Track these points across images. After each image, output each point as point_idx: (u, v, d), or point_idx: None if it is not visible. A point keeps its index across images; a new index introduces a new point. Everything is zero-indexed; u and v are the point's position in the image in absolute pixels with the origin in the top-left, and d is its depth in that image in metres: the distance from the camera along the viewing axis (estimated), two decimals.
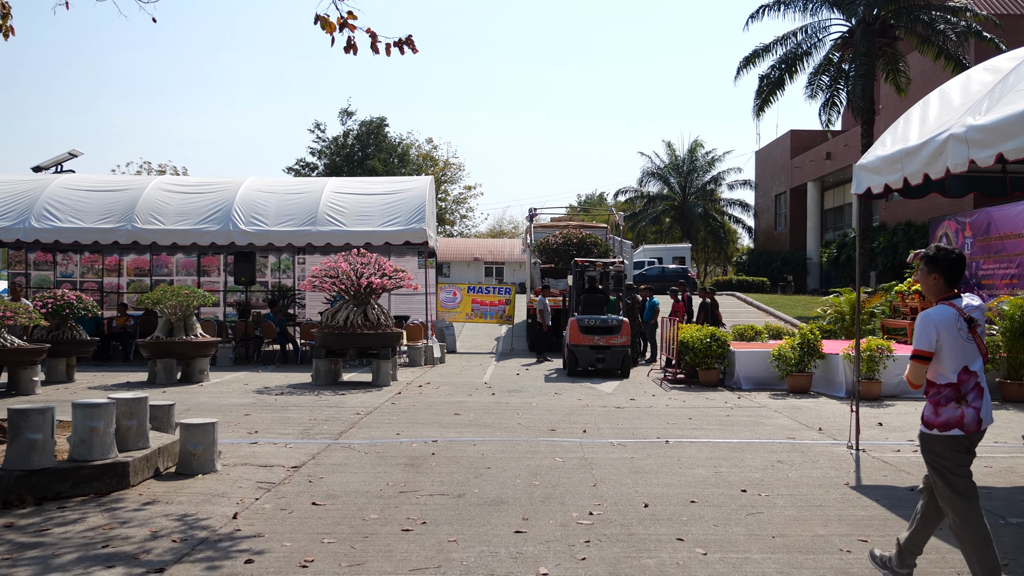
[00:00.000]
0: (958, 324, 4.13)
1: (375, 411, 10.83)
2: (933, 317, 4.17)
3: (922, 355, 4.18)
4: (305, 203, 18.76)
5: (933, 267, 4.29)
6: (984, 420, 4.17)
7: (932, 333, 4.15)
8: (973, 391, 4.15)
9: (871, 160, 8.12)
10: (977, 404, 4.14)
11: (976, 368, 4.17)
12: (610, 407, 11.30)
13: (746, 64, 30.68)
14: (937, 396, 4.18)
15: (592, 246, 22.43)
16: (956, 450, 4.13)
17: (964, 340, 4.13)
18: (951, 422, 4.12)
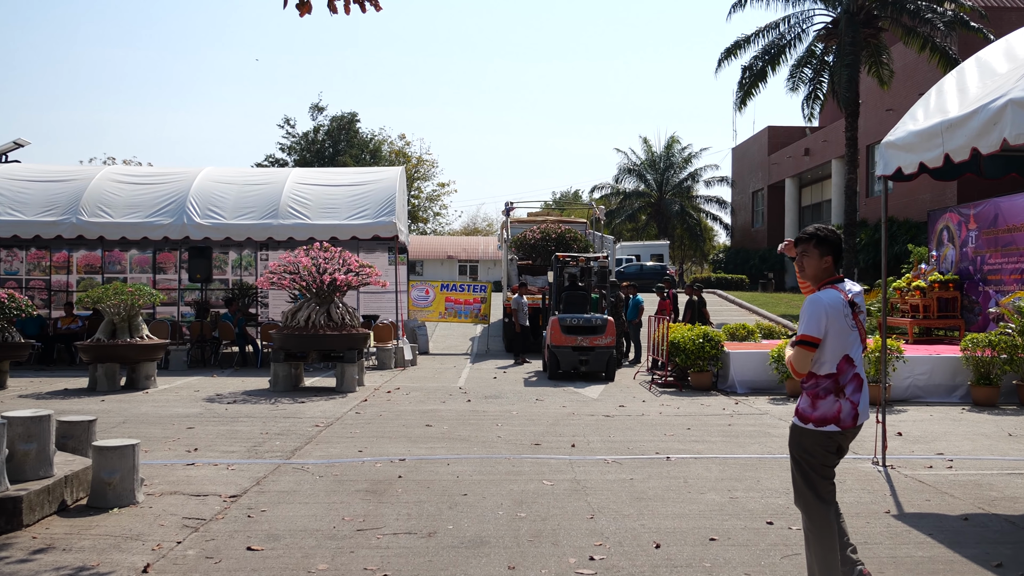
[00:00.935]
0: (844, 309, 3.89)
1: (336, 422, 9.66)
2: (823, 301, 3.89)
3: (810, 340, 3.87)
4: (266, 195, 17.50)
5: (826, 248, 4.00)
6: (861, 415, 3.92)
7: (822, 318, 3.86)
8: (852, 383, 3.89)
9: (901, 136, 7.12)
10: (855, 397, 3.90)
11: (856, 358, 3.92)
12: (598, 415, 10.23)
13: (728, 55, 29.79)
14: (815, 388, 3.91)
15: (572, 241, 21.38)
16: (827, 448, 3.91)
17: (849, 327, 3.89)
18: (827, 416, 3.87)
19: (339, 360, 12.79)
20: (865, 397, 3.96)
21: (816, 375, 3.91)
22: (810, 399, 3.93)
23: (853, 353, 3.90)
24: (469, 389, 13.02)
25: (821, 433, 3.89)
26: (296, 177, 18.20)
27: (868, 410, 3.99)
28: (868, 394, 4.01)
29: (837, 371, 3.88)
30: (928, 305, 14.27)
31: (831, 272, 4.01)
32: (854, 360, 3.90)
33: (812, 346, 3.87)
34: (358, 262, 13.17)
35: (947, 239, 14.96)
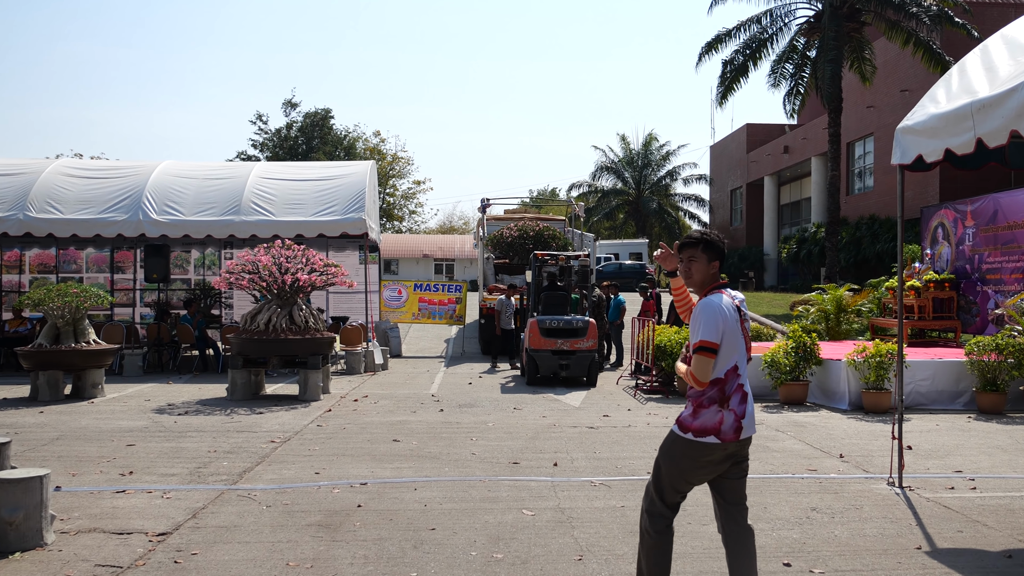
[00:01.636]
0: (735, 314, 3.70)
1: (295, 437, 8.79)
2: (719, 304, 3.67)
3: (710, 346, 3.62)
4: (228, 190, 16.53)
5: (713, 253, 3.80)
6: (745, 429, 3.67)
7: (719, 322, 3.64)
8: (737, 393, 3.68)
9: (922, 121, 6.38)
10: (740, 409, 3.67)
11: (742, 366, 3.73)
12: (581, 427, 9.44)
13: (709, 49, 29.14)
14: (700, 396, 3.68)
15: (550, 239, 20.63)
16: (699, 462, 3.67)
17: (739, 334, 3.71)
18: (708, 427, 3.63)
19: (302, 366, 11.90)
20: (750, 409, 3.72)
21: (705, 382, 3.67)
22: (693, 407, 3.70)
23: (740, 362, 3.72)
24: (442, 397, 12.18)
25: (698, 444, 3.65)
26: (260, 171, 17.25)
27: (754, 424, 3.74)
28: (753, 407, 3.77)
29: (724, 379, 3.66)
30: (923, 306, 13.64)
31: (717, 277, 3.81)
32: (739, 370, 3.71)
33: (713, 352, 3.62)
34: (322, 261, 12.29)
35: (942, 237, 14.35)
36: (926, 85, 30.30)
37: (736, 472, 3.80)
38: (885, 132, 33.57)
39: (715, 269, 3.79)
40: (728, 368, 3.66)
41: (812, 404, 11.28)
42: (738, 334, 3.70)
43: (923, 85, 30.96)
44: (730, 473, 3.78)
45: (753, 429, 3.74)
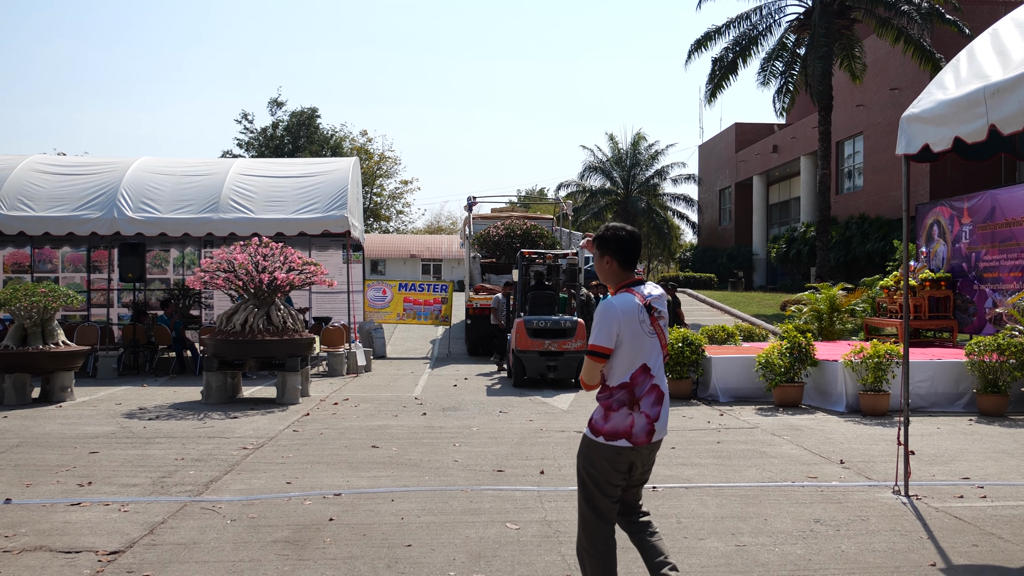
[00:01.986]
0: (640, 315, 3.59)
1: (268, 444, 8.36)
2: (615, 307, 3.58)
3: (599, 351, 3.56)
4: (206, 186, 16.07)
5: (604, 249, 3.71)
6: (658, 431, 3.63)
7: (613, 326, 3.55)
8: (650, 395, 3.60)
9: (930, 108, 6.03)
10: (653, 411, 3.60)
11: (655, 367, 3.62)
12: (570, 432, 9.05)
13: (698, 47, 28.84)
14: (609, 399, 3.60)
15: (538, 238, 20.26)
16: (615, 465, 3.58)
17: (646, 333, 3.59)
18: (618, 430, 3.56)
19: (280, 369, 11.47)
20: (665, 411, 3.65)
21: (609, 386, 3.60)
22: (603, 411, 3.62)
23: (651, 362, 3.60)
24: (426, 399, 11.77)
25: (610, 448, 3.57)
26: (239, 168, 16.78)
27: (666, 427, 3.67)
28: (669, 408, 3.70)
29: (631, 381, 3.57)
30: (919, 305, 13.33)
31: (619, 274, 3.69)
32: (652, 370, 3.60)
33: (602, 357, 3.56)
34: (301, 259, 11.84)
35: (937, 234, 14.05)
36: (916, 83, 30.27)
37: (641, 477, 3.73)
38: (875, 131, 33.39)
39: (611, 265, 3.67)
40: (634, 370, 3.56)
41: (808, 406, 10.94)
42: (643, 335, 3.56)
43: (913, 84, 30.82)
44: (633, 478, 3.69)
45: (665, 432, 3.67)
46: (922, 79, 29.91)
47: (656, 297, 3.67)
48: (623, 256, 3.67)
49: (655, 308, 3.63)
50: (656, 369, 3.62)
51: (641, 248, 3.77)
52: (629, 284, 3.66)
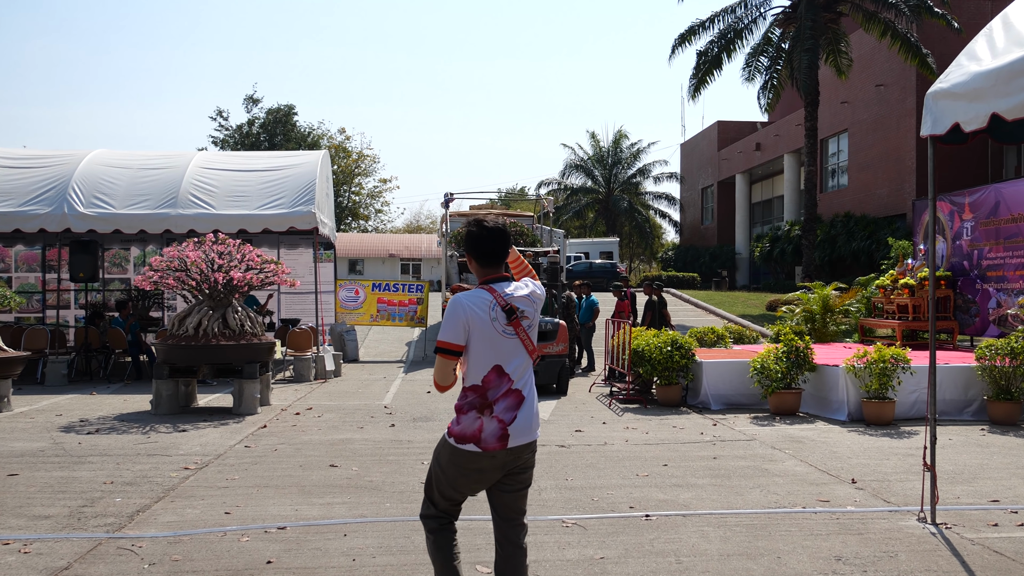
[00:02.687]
0: (493, 313, 3.36)
1: (215, 462, 7.48)
2: (463, 302, 3.39)
3: (446, 348, 3.37)
4: (164, 180, 15.09)
5: (466, 246, 3.52)
6: (513, 437, 3.37)
7: (459, 322, 3.35)
8: (506, 399, 3.37)
9: (962, 82, 5.26)
10: (508, 416, 3.36)
11: (514, 369, 3.39)
12: (551, 446, 8.24)
13: (682, 41, 28.15)
14: (462, 401, 3.42)
15: (518, 236, 19.38)
16: (463, 469, 3.40)
17: (500, 334, 3.36)
18: (467, 434, 3.36)
19: (237, 376, 10.57)
20: (526, 417, 3.44)
21: (463, 386, 3.48)
22: (456, 412, 3.48)
23: (509, 365, 3.41)
24: (396, 408, 10.91)
25: (460, 451, 3.41)
26: (201, 161, 15.82)
27: (530, 431, 3.46)
28: (533, 414, 3.47)
29: (483, 384, 3.41)
30: (918, 305, 12.64)
31: (480, 271, 3.52)
32: (509, 372, 3.41)
33: (451, 354, 3.40)
34: (260, 257, 10.95)
35: (936, 231, 13.36)
36: (901, 80, 29.71)
37: (511, 485, 3.50)
38: (859, 128, 32.88)
39: (472, 263, 3.51)
40: (486, 373, 3.38)
41: (806, 415, 10.19)
42: (496, 335, 3.37)
43: (898, 80, 30.33)
44: (504, 485, 3.49)
45: (529, 437, 3.45)
46: (908, 75, 29.43)
47: (520, 297, 3.45)
48: (479, 252, 3.47)
49: (517, 308, 3.41)
50: (516, 372, 3.41)
51: (505, 244, 3.50)
52: (492, 280, 3.48)
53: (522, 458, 3.46)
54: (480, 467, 3.40)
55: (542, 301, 3.59)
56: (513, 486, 3.52)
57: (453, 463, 3.43)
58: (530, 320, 3.48)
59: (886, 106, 30.91)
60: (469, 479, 3.45)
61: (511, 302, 3.41)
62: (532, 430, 3.47)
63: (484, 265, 3.50)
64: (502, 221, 3.56)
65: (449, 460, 3.44)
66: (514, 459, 3.44)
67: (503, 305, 3.38)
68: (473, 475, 3.43)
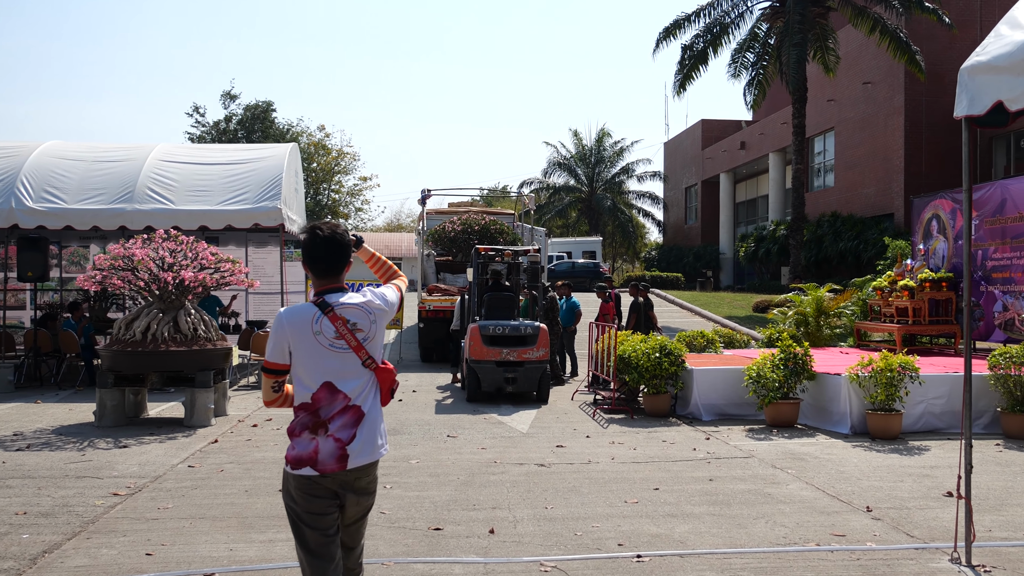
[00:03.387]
0: (316, 327, 3.19)
1: (151, 486, 6.64)
2: (283, 318, 3.24)
3: (269, 367, 3.24)
4: (120, 174, 14.15)
5: (302, 255, 3.34)
6: (353, 457, 3.18)
7: (281, 338, 3.22)
8: (341, 416, 3.18)
9: (1005, 53, 4.54)
10: (345, 434, 3.17)
11: (349, 385, 3.20)
12: (529, 464, 7.45)
13: (667, 35, 27.46)
14: (293, 422, 3.24)
15: (498, 234, 18.62)
16: (309, 494, 3.18)
17: (328, 348, 3.19)
18: (302, 457, 3.16)
19: (188, 384, 9.70)
20: (368, 435, 3.22)
21: (294, 406, 3.26)
22: (288, 434, 3.24)
23: (341, 381, 3.20)
24: None
25: (298, 477, 3.17)
26: (161, 153, 14.88)
27: (373, 451, 3.24)
28: (377, 432, 3.27)
29: (313, 402, 3.20)
30: (918, 308, 11.96)
31: (315, 281, 3.31)
32: (343, 389, 3.20)
33: (272, 372, 3.24)
34: (215, 255, 10.08)
35: (936, 230, 12.70)
36: (889, 78, 29.12)
37: (353, 510, 3.29)
38: (846, 127, 32.35)
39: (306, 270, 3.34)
40: (315, 390, 3.20)
41: (804, 426, 9.47)
42: (322, 350, 3.19)
43: (886, 77, 29.79)
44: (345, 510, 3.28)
45: (371, 456, 3.25)
46: (895, 73, 28.91)
47: (352, 307, 3.25)
48: (311, 262, 3.30)
49: (348, 320, 3.23)
50: (352, 388, 3.22)
51: (340, 252, 3.29)
52: (325, 291, 3.28)
53: (364, 479, 3.26)
54: (321, 492, 3.17)
55: (388, 308, 3.37)
56: (354, 513, 3.30)
57: (298, 490, 3.18)
58: (366, 332, 3.25)
59: (873, 104, 30.38)
60: (321, 503, 3.18)
61: (343, 313, 3.20)
62: (375, 449, 3.26)
63: (318, 275, 3.28)
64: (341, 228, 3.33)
65: (292, 487, 3.19)
66: (355, 480, 3.23)
67: (335, 317, 3.19)
68: (318, 502, 3.17)
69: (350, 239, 3.38)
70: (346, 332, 3.20)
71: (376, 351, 3.30)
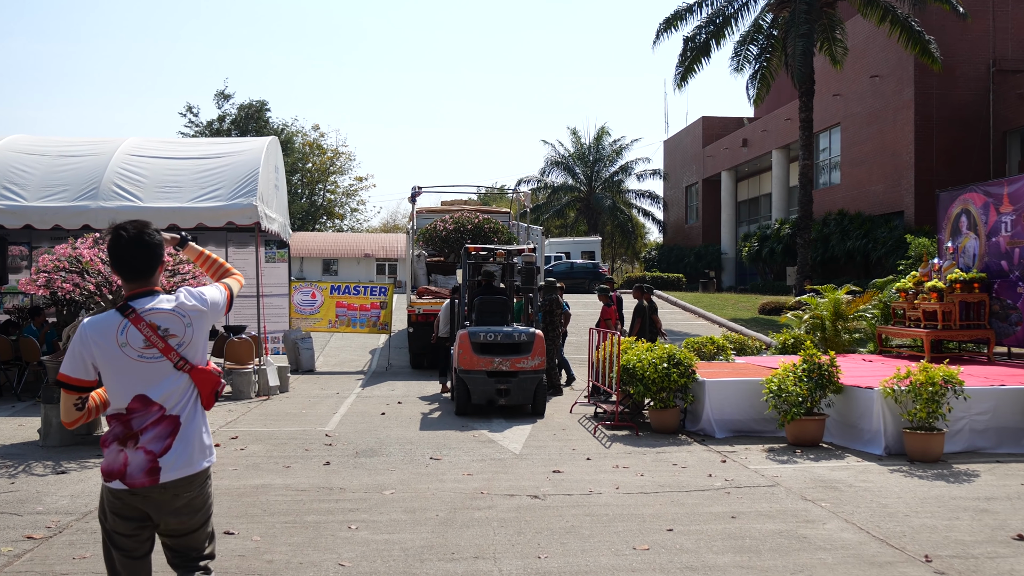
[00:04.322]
0: (122, 338, 3.00)
1: (75, 525, 5.63)
2: (84, 332, 3.04)
3: (68, 383, 3.03)
4: (86, 169, 13.17)
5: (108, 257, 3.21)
6: (167, 469, 2.99)
7: (83, 351, 3.02)
8: (155, 427, 3.02)
9: None
10: (157, 446, 3.00)
11: (165, 396, 3.03)
12: (521, 496, 6.45)
13: (668, 26, 26.50)
14: (106, 433, 3.10)
15: (492, 233, 17.60)
16: (118, 511, 3.03)
17: (136, 360, 3.00)
18: (112, 470, 3.02)
19: None
20: (184, 446, 3.03)
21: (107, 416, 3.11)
22: (100, 446, 3.11)
23: (155, 391, 3.01)
24: (339, 437, 9.09)
25: (111, 490, 3.03)
26: (130, 147, 13.87)
27: (190, 463, 3.03)
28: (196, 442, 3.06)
29: (127, 412, 3.03)
30: (948, 311, 10.97)
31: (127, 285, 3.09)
32: (157, 399, 3.02)
33: (72, 388, 3.03)
34: (172, 255, 9.07)
35: (966, 226, 11.72)
36: (898, 71, 28.08)
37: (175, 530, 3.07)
38: (853, 122, 31.38)
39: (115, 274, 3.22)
40: (128, 402, 3.01)
41: (831, 445, 8.48)
42: (129, 361, 2.97)
43: (895, 70, 28.79)
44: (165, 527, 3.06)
45: (189, 470, 3.02)
46: (905, 66, 27.93)
47: (164, 311, 3.05)
48: (116, 263, 3.08)
49: (159, 326, 3.02)
50: (167, 397, 3.03)
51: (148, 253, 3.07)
52: (131, 298, 3.07)
53: (182, 497, 3.05)
54: (129, 513, 3.01)
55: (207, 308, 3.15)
56: (179, 529, 3.10)
57: (108, 504, 3.04)
58: (180, 338, 3.06)
59: (881, 99, 29.42)
60: (129, 524, 3.02)
61: (150, 320, 3.01)
62: (193, 462, 3.07)
63: (126, 279, 3.09)
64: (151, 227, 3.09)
65: (106, 504, 3.05)
66: (172, 498, 3.03)
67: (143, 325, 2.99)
68: (124, 523, 3.01)
69: (160, 239, 3.11)
70: (157, 339, 3.00)
71: (195, 355, 3.09)
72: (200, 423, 3.13)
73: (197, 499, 3.11)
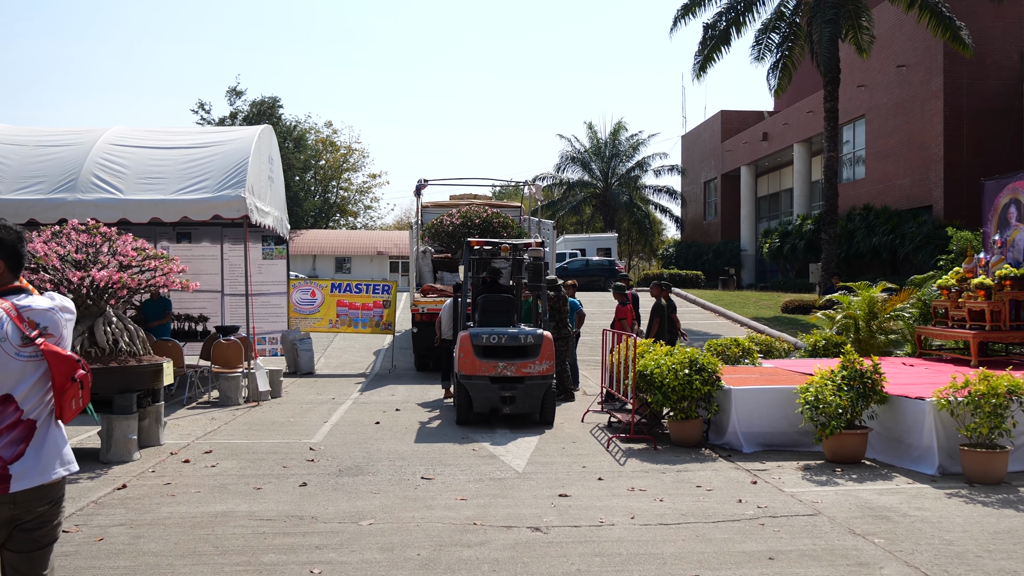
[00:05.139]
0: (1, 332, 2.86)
1: None
2: None
3: None
4: (64, 160, 12.36)
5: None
6: (17, 477, 2.83)
7: None
8: (9, 432, 2.87)
9: None
10: (7, 452, 2.85)
11: (26, 396, 2.88)
12: (521, 528, 5.53)
13: (685, 12, 25.50)
14: None
15: (501, 228, 16.68)
16: None
17: (13, 357, 2.85)
18: None
19: (105, 410, 7.85)
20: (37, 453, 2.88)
21: None
22: None
23: (19, 391, 2.87)
24: (325, 450, 8.20)
25: None
26: (112, 137, 13.04)
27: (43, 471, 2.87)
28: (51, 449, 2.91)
29: None
30: (996, 310, 9.95)
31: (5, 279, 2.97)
32: (19, 400, 2.87)
33: None
34: (139, 251, 8.23)
35: (1015, 218, 10.69)
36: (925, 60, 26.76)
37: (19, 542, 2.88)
38: (878, 114, 30.20)
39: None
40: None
41: (874, 463, 7.51)
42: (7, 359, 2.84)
43: (922, 59, 27.58)
44: (11, 542, 2.87)
45: (42, 478, 2.88)
46: (933, 54, 26.73)
47: (38, 310, 2.93)
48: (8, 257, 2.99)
49: (38, 324, 2.92)
50: (27, 398, 2.87)
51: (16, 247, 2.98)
52: (8, 292, 2.97)
53: (34, 510, 2.87)
54: None
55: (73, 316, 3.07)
56: (24, 544, 2.88)
57: None
58: (56, 338, 2.94)
59: (908, 89, 28.21)
60: None
61: (29, 316, 2.89)
62: (47, 470, 2.89)
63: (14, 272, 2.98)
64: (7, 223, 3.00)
65: None
66: (23, 510, 2.85)
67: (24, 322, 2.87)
68: None
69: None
70: (32, 339, 2.89)
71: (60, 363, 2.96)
72: (56, 430, 2.96)
73: (50, 512, 2.92)
